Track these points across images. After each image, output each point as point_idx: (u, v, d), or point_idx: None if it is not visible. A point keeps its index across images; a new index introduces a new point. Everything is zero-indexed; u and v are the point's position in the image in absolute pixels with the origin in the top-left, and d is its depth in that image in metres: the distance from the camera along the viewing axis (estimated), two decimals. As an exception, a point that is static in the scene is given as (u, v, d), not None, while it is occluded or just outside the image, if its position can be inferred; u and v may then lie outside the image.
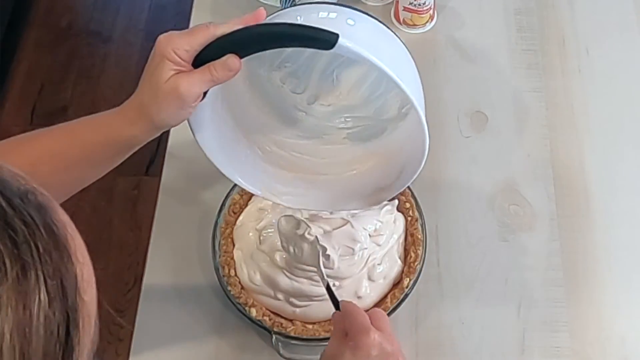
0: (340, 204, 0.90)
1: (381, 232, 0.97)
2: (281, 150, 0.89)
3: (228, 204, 1.01)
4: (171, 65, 0.72)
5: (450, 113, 1.14)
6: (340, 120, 0.89)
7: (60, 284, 0.45)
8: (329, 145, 0.89)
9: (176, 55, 0.72)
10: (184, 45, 0.72)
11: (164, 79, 0.72)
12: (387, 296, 0.95)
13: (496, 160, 1.10)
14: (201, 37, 0.72)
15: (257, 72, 0.85)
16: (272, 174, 0.89)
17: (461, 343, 0.96)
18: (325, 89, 0.87)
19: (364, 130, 0.88)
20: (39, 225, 0.45)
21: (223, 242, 0.99)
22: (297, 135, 0.89)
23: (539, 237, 1.03)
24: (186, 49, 0.72)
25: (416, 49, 1.21)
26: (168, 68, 0.72)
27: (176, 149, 1.12)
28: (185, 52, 0.72)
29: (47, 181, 0.52)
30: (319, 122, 0.89)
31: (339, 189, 0.89)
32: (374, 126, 0.88)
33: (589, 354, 0.95)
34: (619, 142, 1.10)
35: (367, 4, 1.28)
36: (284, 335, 0.92)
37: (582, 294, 0.99)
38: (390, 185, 0.86)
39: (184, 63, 0.73)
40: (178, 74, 0.73)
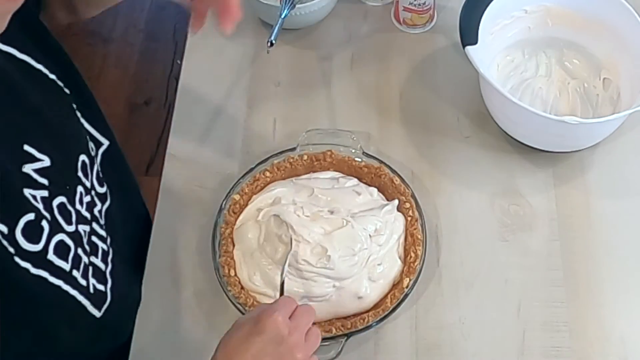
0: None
1: (381, 232, 0.97)
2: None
3: (228, 204, 1.02)
4: None
5: (450, 113, 1.14)
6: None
7: None
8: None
9: None
10: None
11: None
12: (387, 296, 0.95)
13: (496, 160, 1.10)
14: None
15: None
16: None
17: (461, 343, 0.96)
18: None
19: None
20: None
21: (223, 242, 0.99)
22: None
23: (539, 237, 1.03)
24: None
25: (416, 49, 1.22)
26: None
27: (176, 149, 1.12)
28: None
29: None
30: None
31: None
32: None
33: (589, 354, 0.95)
34: (620, 142, 1.10)
35: (367, 4, 1.28)
36: (284, 335, 0.92)
37: (582, 294, 0.99)
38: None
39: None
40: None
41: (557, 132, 1.03)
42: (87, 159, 0.87)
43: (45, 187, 0.76)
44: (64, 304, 0.78)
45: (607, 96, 1.11)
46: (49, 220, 0.75)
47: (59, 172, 0.79)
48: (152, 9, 2.38)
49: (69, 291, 0.78)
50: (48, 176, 0.77)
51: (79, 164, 0.85)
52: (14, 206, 0.71)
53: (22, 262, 0.71)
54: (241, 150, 1.12)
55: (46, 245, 0.74)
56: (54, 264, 0.76)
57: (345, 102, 1.17)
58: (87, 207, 0.85)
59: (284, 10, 1.14)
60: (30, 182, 0.74)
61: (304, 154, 1.06)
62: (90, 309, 0.83)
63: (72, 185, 0.83)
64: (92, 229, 0.86)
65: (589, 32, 1.13)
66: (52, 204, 0.77)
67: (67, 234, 0.78)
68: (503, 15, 1.12)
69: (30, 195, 0.74)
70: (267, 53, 1.11)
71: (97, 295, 0.84)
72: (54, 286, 0.76)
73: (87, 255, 0.83)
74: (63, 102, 0.86)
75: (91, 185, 0.88)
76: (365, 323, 0.93)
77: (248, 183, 1.03)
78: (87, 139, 0.90)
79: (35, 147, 0.76)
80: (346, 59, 1.21)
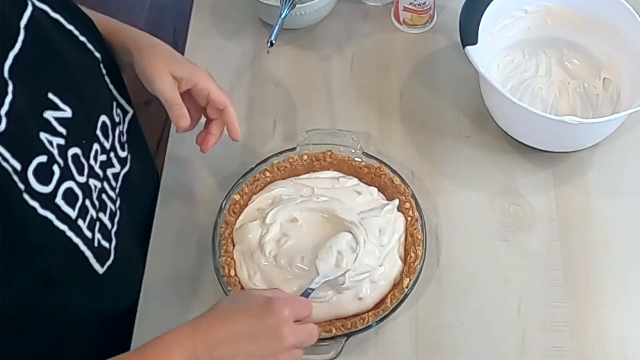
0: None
1: (384, 233, 0.97)
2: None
3: (228, 204, 1.02)
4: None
5: (450, 113, 1.14)
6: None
7: None
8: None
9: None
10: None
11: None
12: (387, 296, 0.95)
13: (496, 160, 1.10)
14: None
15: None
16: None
17: (461, 343, 0.96)
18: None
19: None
20: None
21: (223, 242, 0.99)
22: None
23: (539, 237, 1.03)
24: None
25: (416, 49, 1.22)
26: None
27: (176, 149, 1.12)
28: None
29: None
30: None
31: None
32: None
33: (589, 354, 0.95)
34: (620, 142, 1.10)
35: (367, 4, 1.28)
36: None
37: (582, 294, 0.99)
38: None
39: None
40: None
41: (557, 132, 1.03)
42: (108, 120, 0.90)
43: (62, 136, 0.80)
44: (66, 250, 0.80)
45: (607, 96, 1.11)
46: (61, 166, 0.78)
47: (78, 126, 0.83)
48: (152, 9, 2.37)
49: (72, 238, 0.80)
50: (67, 126, 0.81)
51: (99, 122, 0.89)
52: (28, 146, 0.74)
53: (30, 200, 0.74)
54: (241, 150, 1.12)
55: (55, 189, 0.77)
56: (61, 208, 0.78)
57: (345, 102, 1.17)
58: (100, 165, 0.88)
59: (284, 10, 1.14)
60: (48, 128, 0.78)
61: (304, 154, 1.06)
62: (93, 262, 0.85)
63: (89, 140, 0.86)
64: (103, 188, 0.89)
65: (589, 32, 1.13)
66: (67, 153, 0.80)
67: (77, 183, 0.81)
68: (503, 15, 1.12)
69: (46, 140, 0.77)
70: (267, 53, 1.11)
71: (100, 250, 0.86)
72: (59, 230, 0.78)
73: (95, 210, 0.85)
74: (91, 63, 0.90)
75: (111, 146, 0.91)
76: (365, 323, 0.93)
77: (248, 183, 1.03)
78: (112, 103, 0.93)
79: (59, 97, 0.80)
80: (346, 59, 1.21)
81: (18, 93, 0.73)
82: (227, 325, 0.78)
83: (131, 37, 0.98)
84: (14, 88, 0.72)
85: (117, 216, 0.92)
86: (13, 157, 0.71)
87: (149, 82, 0.93)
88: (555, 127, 1.01)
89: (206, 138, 0.98)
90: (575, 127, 0.98)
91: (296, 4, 1.16)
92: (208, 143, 0.98)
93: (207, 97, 0.96)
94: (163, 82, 0.92)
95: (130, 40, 0.97)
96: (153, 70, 0.92)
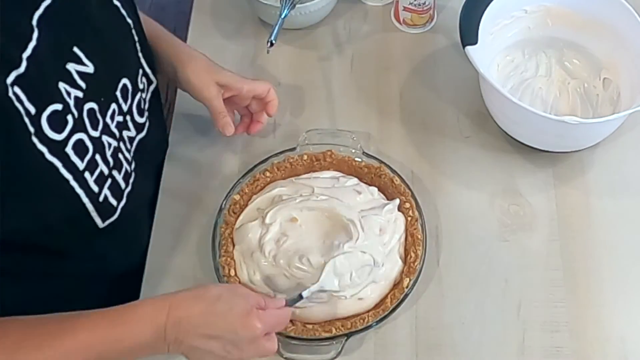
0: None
1: (385, 232, 0.97)
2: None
3: (228, 204, 1.02)
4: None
5: (450, 113, 1.14)
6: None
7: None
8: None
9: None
10: None
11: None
12: (387, 296, 0.95)
13: (496, 160, 1.10)
14: None
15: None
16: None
17: (461, 343, 0.96)
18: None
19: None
20: None
21: (223, 242, 0.99)
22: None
23: (539, 237, 1.03)
24: None
25: (416, 49, 1.22)
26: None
27: (176, 149, 1.12)
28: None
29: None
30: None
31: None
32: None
33: (589, 354, 0.95)
34: (620, 142, 1.10)
35: (367, 4, 1.28)
36: (284, 335, 0.92)
37: (582, 294, 0.99)
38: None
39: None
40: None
41: (557, 132, 1.03)
42: (130, 84, 0.93)
43: (81, 89, 0.82)
44: (67, 198, 0.82)
45: (607, 96, 1.11)
46: (75, 117, 0.81)
47: (99, 83, 0.85)
48: (152, 9, 2.37)
49: (75, 188, 0.82)
50: (87, 81, 0.83)
51: (119, 84, 0.91)
52: (45, 93, 0.77)
53: (39, 144, 0.76)
54: (241, 150, 1.12)
55: (67, 138, 0.79)
56: (70, 158, 0.80)
57: (345, 102, 1.17)
58: (117, 125, 0.91)
59: (284, 10, 1.14)
60: (68, 79, 0.80)
61: (304, 154, 1.06)
62: (94, 216, 0.86)
63: (107, 99, 0.88)
64: (119, 147, 0.91)
65: (589, 32, 1.13)
66: (83, 106, 0.83)
67: (89, 136, 0.83)
68: (503, 15, 1.12)
69: (65, 90, 0.79)
70: (267, 53, 1.11)
71: (105, 206, 0.88)
72: (63, 178, 0.80)
73: (108, 167, 0.88)
74: (123, 28, 0.93)
75: (128, 110, 0.94)
76: (365, 323, 0.93)
77: (248, 183, 1.03)
78: (137, 70, 0.96)
79: (84, 52, 0.83)
80: (346, 59, 1.21)
81: (43, 41, 0.76)
82: (203, 321, 0.81)
83: (172, 47, 1.04)
84: (39, 36, 0.75)
85: (132, 177, 0.95)
86: (29, 100, 0.74)
87: (196, 91, 1.02)
88: (555, 127, 1.01)
89: (252, 125, 1.09)
90: (575, 127, 0.98)
91: (296, 4, 1.16)
92: (255, 128, 1.09)
93: (252, 97, 1.06)
94: (210, 91, 1.01)
95: (171, 51, 1.04)
96: (199, 81, 1.01)
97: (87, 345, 0.78)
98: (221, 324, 0.81)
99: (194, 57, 1.03)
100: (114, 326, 0.80)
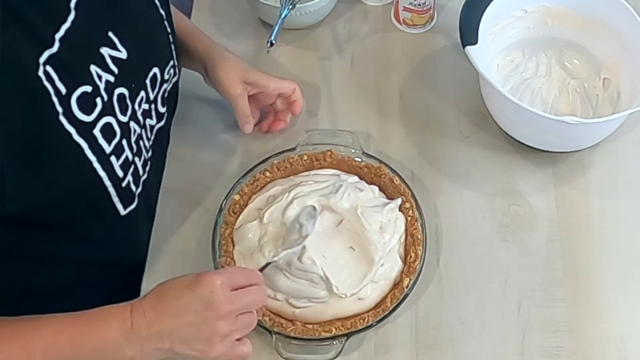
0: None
1: (385, 230, 0.97)
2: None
3: (228, 204, 1.02)
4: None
5: (450, 113, 1.14)
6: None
7: None
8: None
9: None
10: None
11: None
12: (387, 296, 0.95)
13: (496, 160, 1.10)
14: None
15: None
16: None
17: (461, 343, 0.96)
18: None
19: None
20: None
21: (223, 242, 0.99)
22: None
23: (539, 237, 1.03)
24: None
25: (416, 49, 1.22)
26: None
27: (176, 149, 1.12)
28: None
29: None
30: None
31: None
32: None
33: (589, 354, 0.95)
34: (620, 142, 1.10)
35: (367, 4, 1.28)
36: (284, 335, 0.92)
37: (582, 294, 0.99)
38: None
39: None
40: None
41: (557, 132, 1.03)
42: (159, 74, 0.94)
43: (113, 74, 0.83)
44: (89, 179, 0.82)
45: (607, 96, 1.11)
46: (104, 100, 0.82)
47: (131, 69, 0.87)
48: (152, 9, 2.37)
49: (98, 170, 0.82)
50: (120, 67, 0.85)
51: (150, 73, 0.92)
52: (77, 74, 0.78)
53: (67, 124, 0.77)
54: (241, 150, 1.12)
55: (95, 121, 0.80)
56: (97, 140, 0.81)
57: (345, 102, 1.17)
58: (142, 113, 0.92)
59: (284, 10, 1.14)
60: (100, 63, 0.82)
61: (303, 153, 1.06)
62: (115, 201, 0.87)
63: (137, 86, 0.90)
64: (141, 135, 0.92)
65: (589, 32, 1.13)
66: (114, 91, 0.84)
67: (117, 121, 0.84)
68: (503, 15, 1.12)
69: (96, 73, 0.81)
70: (267, 53, 1.11)
71: (126, 192, 0.88)
72: (87, 160, 0.80)
73: (132, 153, 0.88)
74: (156, 17, 0.95)
75: (154, 98, 0.95)
76: (366, 323, 0.93)
77: (248, 183, 1.03)
78: (168, 60, 0.97)
79: (119, 38, 0.85)
80: (346, 59, 1.21)
81: (78, 23, 0.77)
82: (161, 300, 0.80)
83: (203, 45, 1.08)
84: (75, 18, 0.77)
85: (148, 166, 0.96)
86: (60, 80, 0.75)
87: (223, 88, 1.05)
88: (555, 127, 1.01)
89: (275, 123, 1.12)
90: (575, 127, 0.98)
91: (296, 4, 1.16)
92: (278, 126, 1.12)
93: (277, 95, 1.09)
94: (236, 89, 1.05)
95: (202, 48, 1.07)
96: (227, 79, 1.04)
97: (49, 341, 0.77)
98: (176, 292, 0.80)
99: (224, 56, 1.06)
100: (78, 322, 0.79)
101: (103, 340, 0.78)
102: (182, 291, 0.80)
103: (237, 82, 1.05)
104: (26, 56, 0.72)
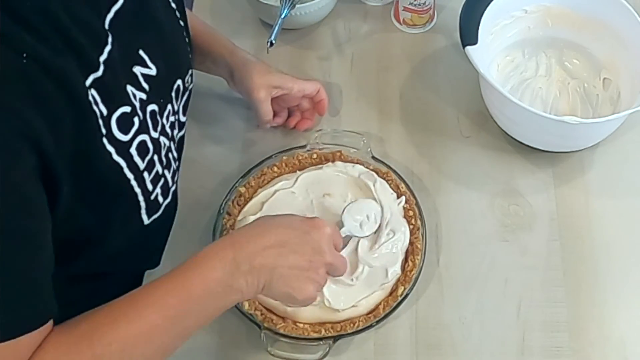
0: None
1: (394, 233, 0.97)
2: None
3: (233, 195, 1.02)
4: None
5: (450, 113, 1.14)
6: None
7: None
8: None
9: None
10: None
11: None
12: (380, 303, 0.95)
13: (496, 160, 1.10)
14: None
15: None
16: None
17: (461, 343, 0.96)
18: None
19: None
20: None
21: (225, 232, 1.00)
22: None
23: (539, 237, 1.03)
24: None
25: (416, 49, 1.22)
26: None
27: (176, 149, 1.12)
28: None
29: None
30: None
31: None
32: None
33: (589, 354, 0.95)
34: (620, 142, 1.10)
35: (367, 4, 1.28)
36: (273, 331, 0.92)
37: (582, 294, 0.99)
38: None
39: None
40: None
41: (557, 132, 1.03)
42: (181, 85, 0.95)
43: (145, 92, 0.83)
44: (126, 197, 0.83)
45: (607, 96, 1.11)
46: (140, 119, 0.82)
47: (160, 85, 0.87)
48: (152, 9, 2.37)
49: (134, 187, 0.83)
50: (150, 84, 0.84)
51: (175, 85, 0.93)
52: (117, 95, 0.78)
53: (108, 145, 0.77)
54: (241, 150, 1.12)
55: (132, 139, 0.81)
56: (133, 158, 0.81)
57: (345, 102, 1.17)
58: (170, 125, 0.92)
59: (284, 10, 1.14)
60: (134, 82, 0.82)
61: (313, 152, 1.06)
62: (142, 213, 0.87)
63: (165, 100, 0.90)
64: (170, 147, 0.92)
65: (589, 32, 1.13)
66: (147, 108, 0.84)
67: (150, 137, 0.84)
68: (503, 15, 1.12)
69: (132, 92, 0.81)
70: (267, 53, 1.11)
71: (154, 203, 0.88)
72: (126, 178, 0.81)
73: (162, 167, 0.88)
74: (178, 29, 0.96)
75: (177, 109, 0.95)
76: (355, 327, 0.93)
77: (255, 177, 1.04)
78: (188, 70, 0.98)
79: (148, 55, 0.85)
80: (346, 59, 1.21)
81: (115, 45, 0.77)
82: (269, 236, 0.81)
83: (227, 50, 1.09)
84: (112, 40, 0.77)
85: (176, 175, 0.96)
86: (102, 102, 0.75)
87: (247, 93, 1.07)
88: (555, 127, 1.01)
89: (302, 122, 1.13)
90: (575, 127, 0.98)
91: (296, 4, 1.16)
92: (305, 125, 1.13)
93: (302, 96, 1.11)
94: (259, 94, 1.06)
95: (227, 54, 1.09)
96: (251, 83, 1.06)
97: (159, 302, 0.77)
98: (287, 231, 0.81)
99: (249, 60, 1.08)
100: (179, 275, 0.78)
101: (210, 282, 0.78)
102: (292, 230, 0.82)
103: (262, 86, 1.06)
104: (77, 81, 0.72)
